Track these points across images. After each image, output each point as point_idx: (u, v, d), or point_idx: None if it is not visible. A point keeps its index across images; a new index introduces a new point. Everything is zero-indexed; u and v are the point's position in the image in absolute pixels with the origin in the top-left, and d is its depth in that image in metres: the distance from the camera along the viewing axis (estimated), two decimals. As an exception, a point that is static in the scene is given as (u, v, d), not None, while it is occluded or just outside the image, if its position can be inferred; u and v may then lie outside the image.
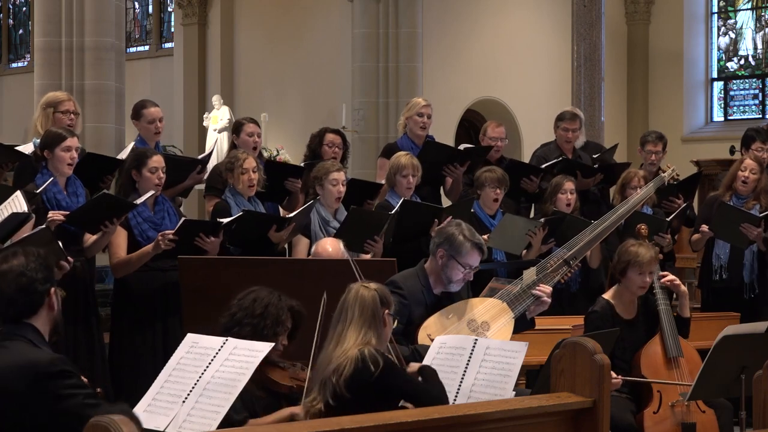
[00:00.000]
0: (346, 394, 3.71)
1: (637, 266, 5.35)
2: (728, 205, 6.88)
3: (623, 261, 5.40)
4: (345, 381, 3.71)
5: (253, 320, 4.13)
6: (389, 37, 12.27)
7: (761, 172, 7.02)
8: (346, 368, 3.73)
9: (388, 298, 3.99)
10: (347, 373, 3.72)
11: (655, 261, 5.43)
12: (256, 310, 4.16)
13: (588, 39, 13.81)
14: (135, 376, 5.51)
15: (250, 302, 4.18)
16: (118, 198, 5.66)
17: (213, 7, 16.21)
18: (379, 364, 3.74)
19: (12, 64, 20.69)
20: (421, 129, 7.36)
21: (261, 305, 4.17)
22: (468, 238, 4.91)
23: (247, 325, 4.11)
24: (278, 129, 14.51)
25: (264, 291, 4.24)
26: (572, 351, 3.61)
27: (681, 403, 5.20)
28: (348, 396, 3.71)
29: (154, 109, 6.62)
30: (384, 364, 3.75)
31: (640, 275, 5.36)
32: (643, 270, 5.35)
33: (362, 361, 3.74)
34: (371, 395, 3.74)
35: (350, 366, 3.73)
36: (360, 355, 3.75)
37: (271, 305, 4.18)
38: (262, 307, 4.16)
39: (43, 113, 6.20)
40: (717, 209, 6.92)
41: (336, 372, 3.74)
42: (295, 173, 6.81)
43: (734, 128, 13.57)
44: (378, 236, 6.14)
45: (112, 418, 2.67)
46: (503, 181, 6.83)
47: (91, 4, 9.79)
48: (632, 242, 5.53)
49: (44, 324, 3.45)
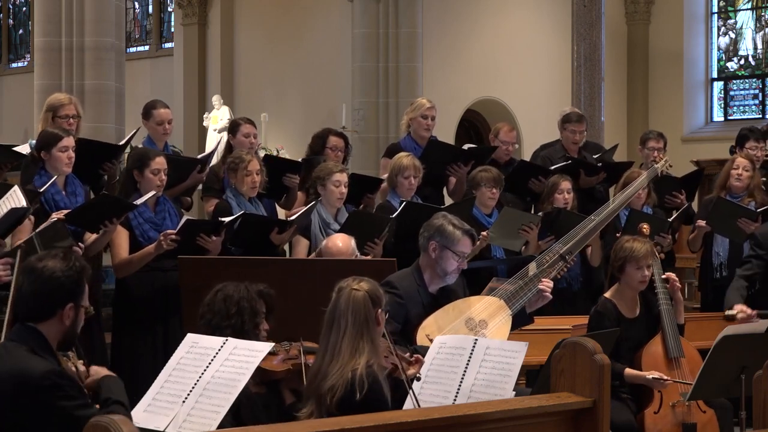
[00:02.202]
0: (337, 414, 3.72)
1: (634, 261, 5.35)
2: (725, 200, 6.94)
3: (620, 258, 5.41)
4: (336, 403, 3.73)
5: (231, 321, 4.09)
6: (389, 37, 12.27)
7: (753, 170, 7.08)
8: (338, 391, 3.73)
9: (379, 295, 3.96)
10: (338, 396, 3.73)
11: (652, 253, 5.43)
12: (230, 309, 4.12)
13: (588, 39, 13.80)
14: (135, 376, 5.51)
15: (221, 303, 4.13)
16: (118, 198, 5.66)
17: (213, 7, 16.21)
18: (364, 387, 3.73)
19: (12, 64, 20.69)
20: (425, 131, 7.33)
21: (233, 303, 4.12)
22: (458, 227, 4.93)
23: (227, 327, 4.07)
24: (278, 129, 14.51)
25: (230, 286, 4.19)
26: (572, 351, 3.61)
27: (681, 404, 5.20)
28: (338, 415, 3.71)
29: (164, 110, 6.61)
30: (368, 387, 3.74)
31: (638, 269, 5.36)
32: (640, 264, 5.35)
33: (351, 384, 3.73)
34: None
35: (341, 390, 3.73)
36: (351, 377, 3.74)
37: (242, 299, 4.14)
38: (234, 304, 4.12)
39: (44, 116, 6.21)
40: (714, 204, 6.97)
41: (330, 392, 3.74)
42: (293, 169, 6.80)
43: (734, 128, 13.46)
44: (378, 239, 6.15)
45: (111, 418, 2.67)
46: (498, 180, 6.83)
47: (91, 4, 9.79)
48: (626, 238, 5.54)
49: (52, 334, 3.39)
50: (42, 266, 3.38)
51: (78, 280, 3.43)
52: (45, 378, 3.21)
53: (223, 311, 4.12)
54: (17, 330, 3.39)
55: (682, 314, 5.59)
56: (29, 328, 3.37)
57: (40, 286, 3.37)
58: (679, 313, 5.55)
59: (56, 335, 3.41)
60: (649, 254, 5.38)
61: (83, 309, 3.46)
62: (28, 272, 3.42)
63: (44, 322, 3.38)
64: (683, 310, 5.62)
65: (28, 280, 3.40)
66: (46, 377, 3.22)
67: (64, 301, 3.39)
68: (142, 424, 3.58)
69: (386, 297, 4.07)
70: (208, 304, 4.18)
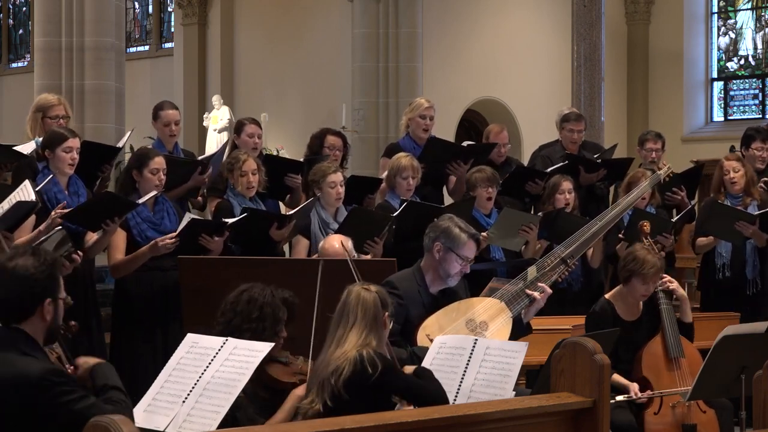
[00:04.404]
0: (345, 395, 3.71)
1: (641, 277, 5.32)
2: (721, 204, 6.93)
3: (628, 269, 5.36)
4: (343, 382, 3.72)
5: (251, 324, 4.06)
6: (389, 37, 12.27)
7: (743, 167, 7.07)
8: (344, 370, 3.73)
9: (387, 300, 4.01)
10: (346, 375, 3.72)
11: (662, 270, 5.40)
12: (252, 313, 4.08)
13: (588, 39, 13.80)
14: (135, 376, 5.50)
15: (245, 305, 4.10)
16: (120, 197, 5.66)
17: (213, 7, 16.21)
18: (377, 366, 3.74)
19: (12, 64, 20.69)
20: (423, 131, 7.33)
21: (257, 307, 4.09)
22: (464, 230, 4.94)
23: (246, 330, 4.03)
24: (278, 129, 14.51)
25: (257, 289, 4.15)
26: (572, 351, 3.61)
27: (681, 404, 5.20)
28: (346, 397, 3.71)
29: (172, 111, 6.61)
30: (382, 366, 3.75)
31: (644, 285, 5.34)
32: (647, 281, 5.33)
33: (360, 362, 3.73)
34: (369, 396, 3.74)
35: (349, 368, 3.73)
36: (359, 356, 3.75)
37: (266, 305, 4.10)
38: (258, 309, 4.09)
39: (33, 117, 6.21)
40: (711, 210, 6.96)
41: (335, 373, 3.74)
42: (294, 168, 6.80)
43: (734, 128, 13.56)
44: (379, 237, 6.14)
45: (112, 418, 2.67)
46: (494, 179, 6.82)
47: (91, 4, 9.80)
48: (639, 247, 5.50)
49: (36, 332, 3.36)
50: (13, 265, 3.34)
51: (51, 274, 3.39)
52: (44, 378, 3.19)
53: (245, 313, 4.07)
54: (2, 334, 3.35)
55: (689, 312, 5.56)
56: (14, 330, 3.34)
57: (15, 285, 3.33)
58: (685, 312, 5.53)
59: (40, 331, 3.38)
60: (659, 272, 5.35)
61: (61, 301, 3.43)
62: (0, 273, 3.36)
63: (26, 321, 3.34)
64: (689, 309, 5.60)
65: (1, 282, 3.34)
66: (45, 378, 3.20)
67: (41, 297, 3.35)
68: (142, 424, 3.58)
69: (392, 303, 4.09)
70: (231, 303, 4.13)
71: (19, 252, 3.42)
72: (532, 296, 4.99)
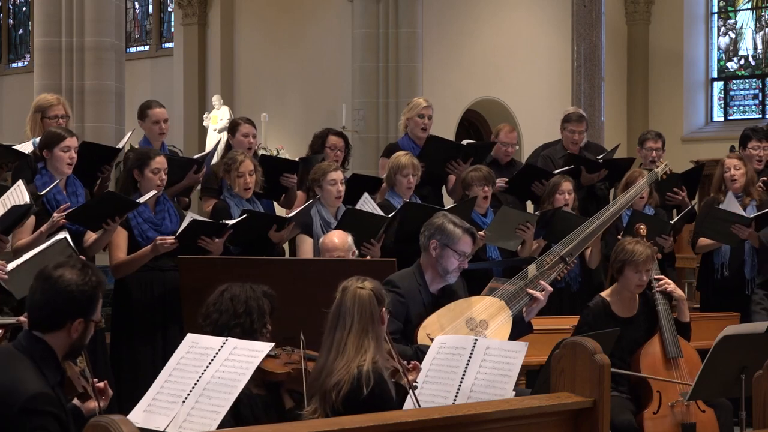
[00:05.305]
0: (342, 410, 3.72)
1: (633, 265, 5.35)
2: (718, 208, 6.93)
3: (620, 260, 5.40)
4: (341, 399, 3.74)
5: (239, 320, 4.08)
6: (389, 37, 12.26)
7: (745, 165, 7.09)
8: (344, 387, 3.74)
9: (383, 294, 3.99)
10: (344, 392, 3.74)
11: (652, 259, 5.43)
12: (237, 309, 4.10)
13: (588, 39, 13.81)
14: (135, 376, 5.51)
15: (228, 302, 4.12)
16: (122, 196, 5.66)
17: (213, 7, 16.21)
18: (370, 383, 3.74)
19: (12, 64, 20.69)
20: (422, 131, 7.35)
21: (241, 302, 4.11)
22: (458, 225, 4.95)
23: (236, 326, 4.05)
24: (278, 129, 14.51)
25: (236, 287, 4.18)
26: (572, 351, 3.61)
27: (681, 403, 5.20)
28: (344, 412, 3.72)
29: (159, 109, 6.61)
30: (374, 382, 3.75)
31: (636, 274, 5.36)
32: (639, 269, 5.35)
33: (357, 380, 3.75)
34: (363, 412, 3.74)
35: (347, 385, 3.74)
36: (357, 373, 3.76)
37: (250, 299, 4.12)
38: (243, 303, 4.11)
39: (33, 117, 6.21)
40: (708, 212, 6.99)
41: (336, 388, 3.75)
42: (290, 168, 6.80)
43: (734, 128, 13.56)
44: (375, 239, 6.14)
45: (112, 418, 2.67)
46: (489, 178, 6.83)
47: (91, 4, 9.79)
48: (629, 240, 5.54)
49: (58, 345, 3.32)
50: (58, 276, 3.30)
51: (92, 296, 3.35)
52: (33, 400, 3.13)
53: (230, 310, 4.10)
54: (25, 337, 3.33)
55: (686, 312, 5.57)
56: (36, 338, 3.30)
57: (53, 296, 3.29)
58: (682, 312, 5.54)
59: (63, 347, 3.33)
60: (649, 259, 5.37)
61: (93, 323, 3.39)
62: (43, 280, 3.33)
63: (52, 333, 3.30)
64: (687, 308, 5.60)
65: (41, 288, 3.32)
66: (32, 400, 3.13)
67: (74, 315, 3.31)
68: (142, 424, 3.58)
69: (389, 296, 4.09)
70: (213, 304, 4.15)
71: (69, 263, 3.38)
72: (534, 295, 5.00)
